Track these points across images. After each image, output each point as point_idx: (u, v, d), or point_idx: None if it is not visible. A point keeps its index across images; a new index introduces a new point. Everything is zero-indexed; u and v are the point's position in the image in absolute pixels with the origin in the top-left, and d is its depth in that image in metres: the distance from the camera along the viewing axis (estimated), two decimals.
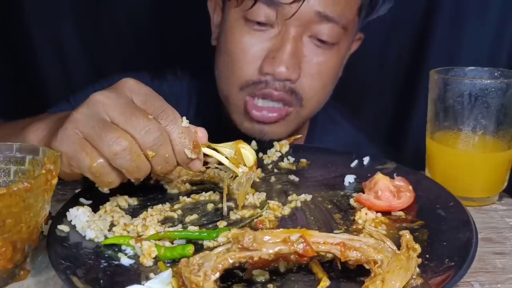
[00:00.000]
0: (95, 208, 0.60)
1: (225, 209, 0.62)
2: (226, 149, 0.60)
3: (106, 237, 0.55)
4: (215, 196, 0.66)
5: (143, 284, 0.45)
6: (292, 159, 0.79)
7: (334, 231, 0.57)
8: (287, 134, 0.84)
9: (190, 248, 0.51)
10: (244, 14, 0.77)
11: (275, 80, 0.77)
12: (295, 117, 0.83)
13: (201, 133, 0.57)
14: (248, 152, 0.60)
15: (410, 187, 0.65)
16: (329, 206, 0.64)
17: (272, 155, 0.79)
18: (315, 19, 0.76)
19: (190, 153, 0.55)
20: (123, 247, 0.54)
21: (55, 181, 0.50)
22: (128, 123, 0.52)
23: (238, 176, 0.59)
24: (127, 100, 0.54)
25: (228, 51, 0.80)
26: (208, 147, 0.58)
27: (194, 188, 0.69)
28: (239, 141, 0.60)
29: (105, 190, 0.64)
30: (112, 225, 0.58)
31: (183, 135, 0.55)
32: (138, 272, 0.49)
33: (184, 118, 0.56)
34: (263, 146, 0.81)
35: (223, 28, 0.82)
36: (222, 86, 0.84)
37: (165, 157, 0.54)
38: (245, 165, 0.59)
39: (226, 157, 0.59)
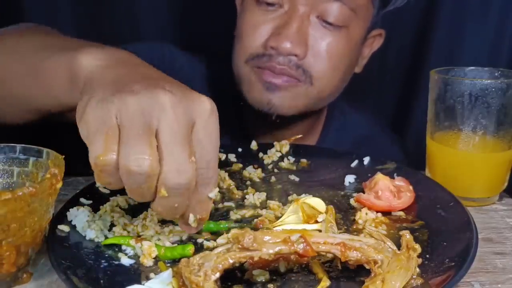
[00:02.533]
0: (95, 208, 0.60)
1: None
2: (291, 217, 0.58)
3: (106, 237, 0.55)
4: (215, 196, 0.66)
5: (143, 284, 0.46)
6: (292, 159, 0.79)
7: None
8: (294, 111, 0.84)
9: (190, 248, 0.51)
10: None
11: (279, 55, 0.78)
12: (304, 93, 0.82)
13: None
14: (311, 201, 0.59)
15: (410, 187, 0.65)
16: (329, 206, 0.64)
17: (272, 155, 0.79)
18: None
19: (193, 221, 0.48)
20: (123, 247, 0.54)
21: (59, 185, 0.50)
22: (167, 149, 0.43)
23: (324, 227, 0.56)
24: (187, 126, 0.44)
25: (239, 31, 0.83)
26: (276, 231, 0.50)
27: None
28: (296, 201, 0.59)
29: (99, 185, 0.60)
30: (112, 225, 0.58)
31: (202, 203, 0.47)
32: (138, 272, 0.49)
33: (216, 190, 0.48)
34: (264, 146, 0.82)
35: (239, 14, 0.86)
36: (234, 64, 0.86)
37: (173, 206, 0.45)
38: (320, 213, 0.58)
39: (299, 223, 0.57)
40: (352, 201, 0.65)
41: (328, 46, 0.80)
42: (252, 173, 0.74)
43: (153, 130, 0.43)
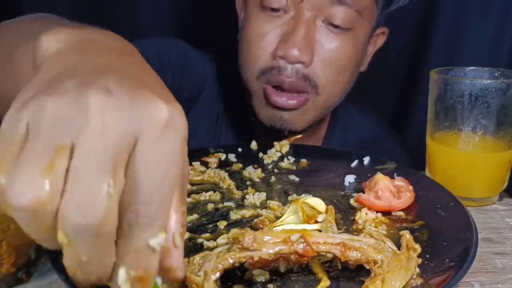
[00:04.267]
0: None
1: None
2: (290, 217, 0.58)
3: None
4: (215, 196, 0.66)
5: None
6: (292, 159, 0.79)
7: None
8: (305, 124, 0.85)
9: None
10: (260, 2, 0.80)
11: (288, 64, 0.78)
12: (312, 106, 0.83)
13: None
14: (311, 201, 0.59)
15: (410, 187, 0.65)
16: (329, 206, 0.64)
17: (272, 155, 0.79)
18: (327, 2, 0.77)
19: (124, 279, 0.32)
20: None
21: None
22: (74, 174, 0.29)
23: (324, 227, 0.56)
24: (120, 141, 0.30)
25: (246, 39, 0.83)
26: (276, 231, 0.49)
27: (194, 188, 0.69)
28: (296, 201, 0.59)
29: None
30: None
31: (139, 254, 0.32)
32: None
33: (162, 236, 0.32)
34: (263, 146, 0.82)
35: (244, 20, 0.85)
36: (242, 75, 0.86)
37: (80, 260, 0.32)
38: (320, 213, 0.58)
39: (299, 223, 0.57)
40: (352, 201, 0.65)
41: (335, 50, 0.80)
42: (252, 173, 0.74)
43: (64, 146, 0.30)
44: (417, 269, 0.48)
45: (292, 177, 0.73)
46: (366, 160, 0.76)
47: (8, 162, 0.30)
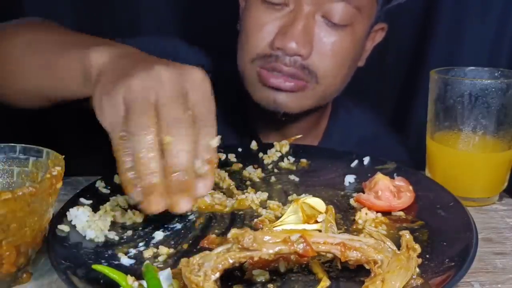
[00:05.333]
0: (95, 208, 0.60)
1: None
2: (290, 217, 0.58)
3: (106, 237, 0.55)
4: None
5: (143, 284, 0.45)
6: (292, 159, 0.79)
7: None
8: (300, 108, 0.84)
9: None
10: None
11: (285, 55, 0.79)
12: (311, 93, 0.83)
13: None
14: (311, 201, 0.59)
15: (410, 187, 0.65)
16: (329, 206, 0.64)
17: (272, 155, 0.79)
18: None
19: (200, 164, 0.50)
20: (123, 247, 0.54)
21: (59, 185, 0.50)
22: (165, 109, 0.49)
23: (324, 227, 0.56)
24: (182, 91, 0.51)
25: (245, 29, 0.83)
26: (276, 231, 0.51)
27: None
28: (296, 201, 0.59)
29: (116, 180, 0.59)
30: (113, 223, 0.58)
31: (205, 148, 0.51)
32: (138, 272, 0.49)
33: (218, 138, 0.52)
34: (264, 146, 0.82)
35: (244, 10, 0.86)
36: (239, 61, 0.86)
37: (181, 150, 0.48)
38: (320, 213, 0.58)
39: (299, 223, 0.57)
40: (352, 201, 0.65)
41: (333, 45, 0.80)
42: (252, 173, 0.74)
43: (152, 101, 0.49)
44: (417, 269, 0.48)
45: (292, 177, 0.73)
46: (366, 160, 0.76)
47: (122, 125, 0.49)
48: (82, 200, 0.62)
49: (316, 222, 0.57)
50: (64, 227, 0.55)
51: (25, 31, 0.74)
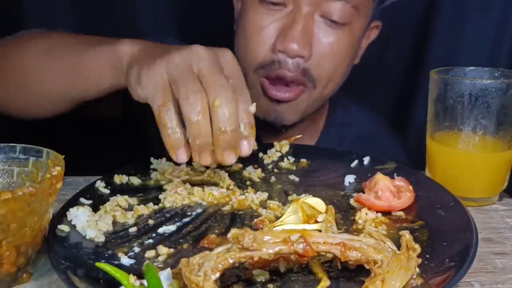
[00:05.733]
0: (95, 208, 0.60)
1: None
2: (290, 217, 0.58)
3: (106, 237, 0.55)
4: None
5: (143, 284, 0.45)
6: (292, 159, 0.79)
7: None
8: (298, 117, 0.86)
9: None
10: None
11: (288, 58, 0.79)
12: (307, 98, 0.84)
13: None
14: (311, 201, 0.59)
15: (410, 187, 0.65)
16: (329, 206, 0.64)
17: (272, 155, 0.79)
18: None
19: (243, 127, 0.56)
20: (123, 247, 0.54)
21: (59, 185, 0.50)
22: (209, 78, 0.54)
23: (324, 227, 0.56)
24: (218, 65, 0.57)
25: (244, 32, 0.83)
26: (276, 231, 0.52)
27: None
28: (296, 201, 0.59)
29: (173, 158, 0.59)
30: (114, 223, 0.58)
31: (246, 113, 0.56)
32: (138, 272, 0.49)
33: (254, 104, 0.57)
34: (263, 146, 0.82)
35: (241, 12, 0.85)
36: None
37: (229, 112, 0.54)
38: (320, 212, 0.58)
39: (299, 223, 0.57)
40: (352, 201, 0.65)
41: (332, 45, 0.81)
42: (252, 173, 0.74)
43: (195, 73, 0.55)
44: (417, 269, 0.48)
45: (292, 177, 0.73)
46: (366, 160, 0.76)
47: (169, 94, 0.55)
48: (82, 200, 0.62)
49: (316, 222, 0.57)
50: (64, 227, 0.55)
51: (38, 39, 0.76)
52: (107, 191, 0.66)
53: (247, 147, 0.57)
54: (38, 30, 0.82)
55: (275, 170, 0.76)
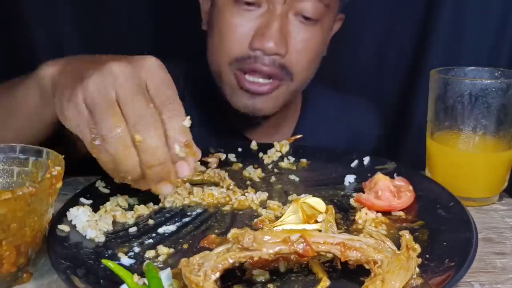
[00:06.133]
0: (95, 208, 0.60)
1: None
2: (290, 217, 0.58)
3: (106, 237, 0.55)
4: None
5: (146, 283, 0.45)
6: (292, 159, 0.79)
7: None
8: (275, 109, 0.87)
9: None
10: None
11: (265, 55, 0.80)
12: (285, 91, 0.85)
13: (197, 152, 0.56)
14: (311, 201, 0.59)
15: (410, 187, 0.65)
16: (329, 206, 0.64)
17: (272, 155, 0.79)
18: None
19: (179, 149, 0.52)
20: (123, 247, 0.54)
21: (59, 185, 0.50)
22: (128, 106, 0.51)
23: (324, 227, 0.56)
24: (139, 82, 0.53)
25: (218, 31, 0.83)
26: (276, 231, 0.51)
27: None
28: (296, 201, 0.59)
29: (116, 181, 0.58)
30: (112, 223, 0.58)
31: (179, 131, 0.53)
32: (138, 272, 0.49)
33: (188, 118, 0.54)
34: (263, 146, 0.82)
35: (213, 12, 0.86)
36: (213, 64, 0.87)
37: (153, 147, 0.51)
38: (320, 212, 0.58)
39: (299, 223, 0.57)
40: (352, 201, 0.65)
41: (306, 42, 0.83)
42: (252, 173, 0.74)
43: (113, 98, 0.51)
44: (417, 269, 0.48)
45: (292, 177, 0.73)
46: (366, 160, 0.76)
47: (90, 126, 0.51)
48: (82, 200, 0.62)
49: (316, 222, 0.57)
50: (64, 227, 0.55)
51: None
52: (107, 191, 0.66)
53: (186, 169, 0.54)
54: None
55: (275, 170, 0.76)
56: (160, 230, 0.58)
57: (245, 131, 0.95)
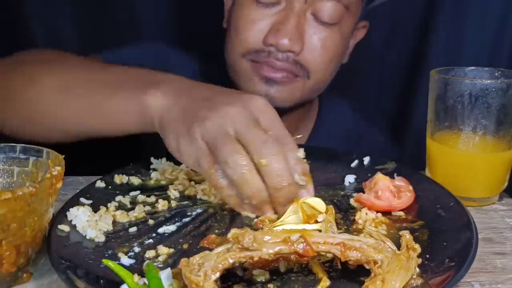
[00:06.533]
0: (95, 208, 0.60)
1: None
2: (290, 217, 0.58)
3: (106, 237, 0.55)
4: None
5: (146, 283, 0.45)
6: None
7: None
8: (291, 102, 0.86)
9: None
10: None
11: (278, 51, 0.80)
12: (301, 86, 0.85)
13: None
14: (311, 201, 0.59)
15: (410, 187, 0.65)
16: (329, 206, 0.64)
17: None
18: None
19: (298, 178, 0.56)
20: (123, 247, 0.54)
21: (59, 185, 0.50)
22: (247, 137, 0.55)
23: (324, 227, 0.56)
24: (253, 120, 0.56)
25: (236, 26, 0.84)
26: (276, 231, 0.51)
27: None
28: (296, 201, 0.59)
29: (244, 213, 0.61)
30: (113, 222, 0.58)
31: (297, 161, 0.57)
32: (138, 272, 0.49)
33: (302, 149, 0.58)
34: None
35: (233, 8, 0.86)
36: (229, 58, 0.87)
37: (280, 169, 0.54)
38: (320, 212, 0.58)
39: (299, 223, 0.57)
40: (352, 201, 0.65)
41: (323, 42, 0.82)
42: None
43: (231, 134, 0.55)
44: (417, 269, 0.48)
45: None
46: (366, 160, 0.76)
47: (212, 161, 0.56)
48: (82, 200, 0.62)
49: (316, 222, 0.57)
50: (64, 227, 0.55)
51: (53, 74, 0.72)
52: (107, 191, 0.66)
53: (307, 194, 0.59)
54: (43, 52, 0.81)
55: None
56: (160, 230, 0.58)
57: None
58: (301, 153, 0.58)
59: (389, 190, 0.63)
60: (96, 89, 0.68)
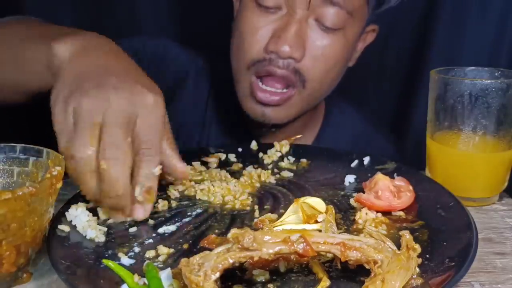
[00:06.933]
0: (95, 208, 0.60)
1: None
2: (290, 217, 0.58)
3: (106, 237, 0.55)
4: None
5: (144, 284, 0.45)
6: (292, 159, 0.79)
7: None
8: (288, 118, 0.86)
9: None
10: None
11: (279, 59, 0.80)
12: (297, 100, 0.84)
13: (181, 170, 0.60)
14: (311, 201, 0.59)
15: (410, 187, 0.65)
16: (329, 206, 0.64)
17: (272, 155, 0.79)
18: (319, 2, 0.79)
19: (138, 192, 0.55)
20: (123, 247, 0.54)
21: (59, 185, 0.50)
22: (106, 132, 0.52)
23: (324, 227, 0.56)
24: (129, 117, 0.54)
25: (239, 31, 0.84)
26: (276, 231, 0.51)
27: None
28: (296, 201, 0.59)
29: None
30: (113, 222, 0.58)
31: (147, 176, 0.55)
32: (138, 272, 0.49)
33: (159, 167, 0.56)
34: (264, 146, 0.82)
35: (239, 10, 0.86)
36: (233, 65, 0.87)
37: (114, 178, 0.52)
38: (320, 212, 0.58)
39: (299, 223, 0.57)
40: (352, 201, 0.65)
41: (325, 49, 0.81)
42: (252, 173, 0.74)
43: (97, 122, 0.52)
44: (417, 269, 0.48)
45: (292, 177, 0.73)
46: (366, 160, 0.76)
47: (68, 135, 0.53)
48: (82, 200, 0.62)
49: (316, 222, 0.57)
50: (64, 227, 0.55)
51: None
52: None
53: (141, 213, 0.57)
54: (15, 17, 0.81)
55: (275, 170, 0.76)
56: (160, 230, 0.58)
57: (261, 139, 0.94)
58: (157, 170, 0.55)
59: (389, 190, 0.63)
60: (19, 40, 0.69)
